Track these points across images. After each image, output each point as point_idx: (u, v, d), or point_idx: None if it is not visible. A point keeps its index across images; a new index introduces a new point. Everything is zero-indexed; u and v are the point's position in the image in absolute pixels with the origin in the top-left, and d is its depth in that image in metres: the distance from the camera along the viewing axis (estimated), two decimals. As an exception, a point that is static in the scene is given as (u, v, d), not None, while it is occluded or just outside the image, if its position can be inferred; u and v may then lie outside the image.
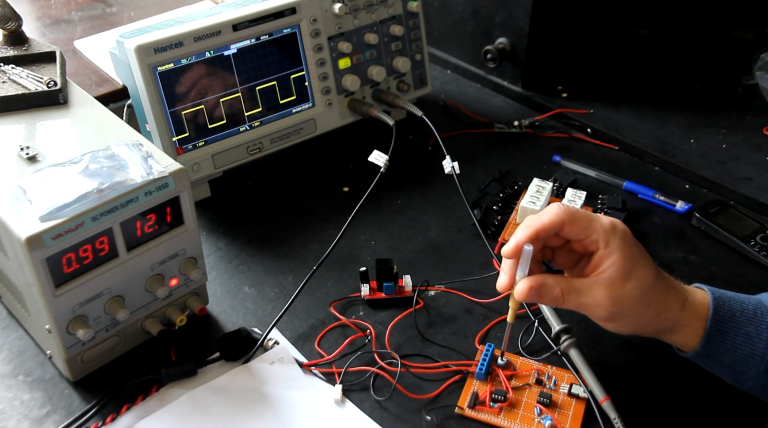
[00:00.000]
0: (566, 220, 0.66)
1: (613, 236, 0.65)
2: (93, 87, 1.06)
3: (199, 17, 0.92)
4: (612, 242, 0.65)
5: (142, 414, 0.70)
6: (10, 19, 0.88)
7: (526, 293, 0.65)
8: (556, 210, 0.66)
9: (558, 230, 0.66)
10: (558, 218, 0.66)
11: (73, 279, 0.67)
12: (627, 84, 1.24)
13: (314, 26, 0.99)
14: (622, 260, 0.65)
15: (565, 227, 0.66)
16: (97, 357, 0.74)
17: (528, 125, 1.14)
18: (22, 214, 0.64)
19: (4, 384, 0.74)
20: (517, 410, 0.71)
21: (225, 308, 0.83)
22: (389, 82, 1.08)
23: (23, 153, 0.72)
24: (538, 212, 0.90)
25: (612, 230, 0.65)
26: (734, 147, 1.09)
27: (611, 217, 0.67)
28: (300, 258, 0.90)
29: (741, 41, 1.29)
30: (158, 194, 0.70)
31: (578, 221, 0.66)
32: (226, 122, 0.95)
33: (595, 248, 0.66)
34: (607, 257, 0.65)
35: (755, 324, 0.66)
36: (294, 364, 0.76)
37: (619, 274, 0.64)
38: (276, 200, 1.01)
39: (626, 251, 0.65)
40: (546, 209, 0.67)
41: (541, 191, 0.94)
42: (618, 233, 0.65)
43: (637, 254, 0.66)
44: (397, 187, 1.01)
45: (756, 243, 0.90)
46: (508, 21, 1.17)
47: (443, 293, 0.85)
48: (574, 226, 0.66)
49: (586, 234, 0.66)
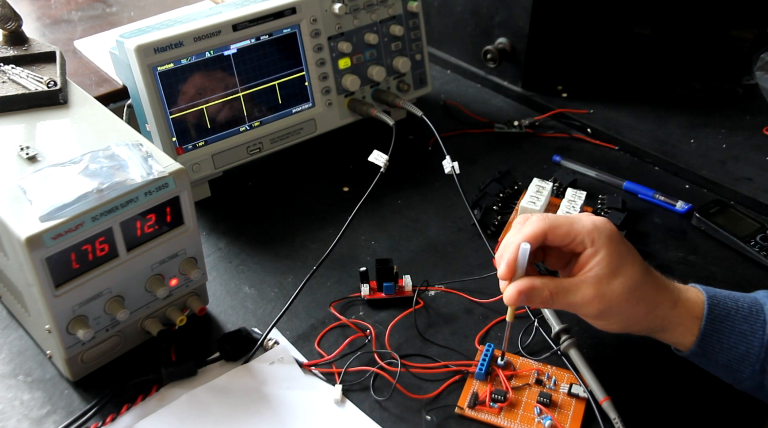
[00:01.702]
0: (547, 229, 0.66)
1: (598, 235, 0.65)
2: (93, 87, 1.06)
3: (199, 17, 0.92)
4: (597, 241, 0.65)
5: (142, 414, 0.70)
6: (10, 19, 0.88)
7: (515, 298, 0.66)
8: (536, 222, 0.67)
9: (541, 241, 0.66)
10: (539, 230, 0.66)
11: (73, 279, 0.67)
12: (627, 84, 1.24)
13: (314, 26, 0.99)
14: (608, 257, 0.65)
15: (548, 237, 0.66)
16: (97, 357, 0.74)
17: (528, 125, 1.14)
18: (22, 214, 0.64)
19: (4, 384, 0.74)
20: (517, 410, 0.71)
21: (225, 308, 0.83)
22: (389, 82, 1.08)
23: (23, 153, 0.72)
24: (538, 212, 0.91)
25: (595, 229, 0.66)
26: (734, 147, 1.09)
27: (596, 217, 0.68)
28: (300, 258, 0.90)
29: (741, 41, 1.29)
30: (158, 194, 0.70)
31: (559, 228, 0.66)
32: (226, 122, 0.95)
33: (582, 249, 0.66)
34: (593, 256, 0.65)
35: (750, 322, 0.66)
36: (294, 364, 0.76)
37: (605, 271, 0.65)
38: (276, 200, 1.01)
39: (612, 248, 0.65)
40: (527, 222, 0.68)
41: (541, 191, 0.94)
42: (602, 231, 0.66)
43: (624, 251, 0.66)
44: (397, 187, 1.01)
45: (756, 243, 0.90)
46: (508, 21, 1.17)
47: (443, 293, 0.85)
48: (556, 234, 0.66)
49: (570, 238, 0.66)
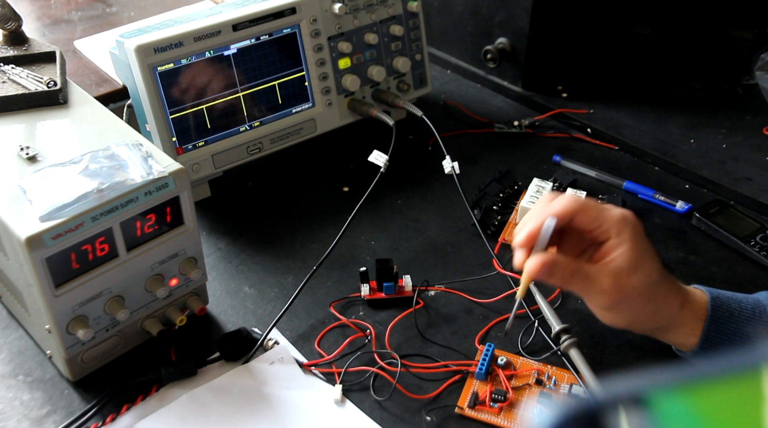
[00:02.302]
0: (577, 210, 0.64)
1: (625, 227, 0.64)
2: (93, 87, 1.06)
3: (199, 17, 0.92)
4: (623, 233, 0.64)
5: (142, 414, 0.70)
6: (10, 19, 0.88)
7: (537, 269, 0.63)
8: (568, 201, 0.65)
9: (569, 220, 0.65)
10: (569, 208, 0.64)
11: (73, 279, 0.67)
12: (627, 84, 1.24)
13: (314, 26, 0.98)
14: (632, 251, 0.64)
15: (576, 217, 0.65)
16: (97, 357, 0.74)
17: (528, 125, 1.14)
18: (22, 214, 0.64)
19: (4, 384, 0.74)
20: (517, 410, 0.71)
21: (225, 308, 0.83)
22: (389, 82, 1.08)
23: (23, 153, 0.72)
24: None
25: (623, 221, 0.64)
26: (734, 147, 1.09)
27: (624, 209, 0.66)
28: (300, 258, 0.90)
29: (741, 41, 1.28)
30: (158, 194, 0.70)
31: (590, 211, 0.64)
32: (226, 122, 0.95)
33: (606, 238, 0.65)
34: (616, 247, 0.64)
35: (753, 323, 0.66)
36: (294, 364, 0.76)
37: (627, 265, 0.63)
38: (276, 200, 1.01)
39: (636, 243, 0.64)
40: (557, 199, 0.66)
41: (541, 191, 0.94)
42: (630, 224, 0.64)
43: (646, 248, 0.65)
44: (397, 187, 1.01)
45: (756, 243, 0.90)
46: (508, 21, 1.17)
47: (443, 293, 0.85)
48: (585, 216, 0.64)
49: (597, 224, 0.64)
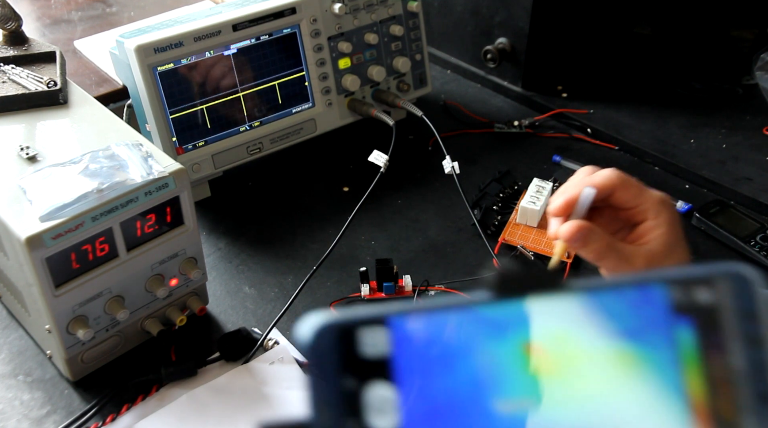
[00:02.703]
0: (619, 185, 0.62)
1: (664, 209, 0.62)
2: (93, 87, 1.06)
3: (199, 17, 0.92)
4: (661, 215, 0.62)
5: (142, 414, 0.70)
6: (10, 19, 0.88)
7: (573, 232, 0.60)
8: (610, 174, 0.62)
9: (609, 194, 0.62)
10: (611, 182, 0.62)
11: (73, 279, 0.67)
12: (627, 84, 1.24)
13: (314, 26, 0.98)
14: (668, 234, 0.62)
15: (617, 193, 0.62)
16: (97, 357, 0.74)
17: (528, 125, 1.14)
18: (22, 214, 0.64)
19: (4, 384, 0.74)
20: (517, 410, 0.71)
21: (225, 308, 0.83)
22: (389, 82, 1.08)
23: (23, 153, 0.72)
24: (538, 212, 0.91)
25: (663, 203, 0.62)
26: (734, 147, 1.09)
27: (663, 193, 0.63)
28: (300, 258, 0.90)
29: (741, 41, 1.28)
30: (158, 194, 0.69)
31: (631, 187, 0.62)
32: (226, 122, 0.95)
33: (643, 219, 0.62)
34: (654, 229, 0.62)
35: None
36: (294, 364, 0.76)
37: (662, 249, 0.61)
38: (276, 200, 1.01)
39: (673, 227, 0.62)
40: (600, 171, 0.63)
41: (541, 191, 0.94)
42: (669, 207, 0.62)
43: (681, 234, 0.63)
44: (397, 187, 1.01)
45: (756, 243, 0.90)
46: (508, 21, 1.17)
47: (443, 293, 0.85)
48: (627, 192, 0.62)
49: (637, 202, 0.62)
